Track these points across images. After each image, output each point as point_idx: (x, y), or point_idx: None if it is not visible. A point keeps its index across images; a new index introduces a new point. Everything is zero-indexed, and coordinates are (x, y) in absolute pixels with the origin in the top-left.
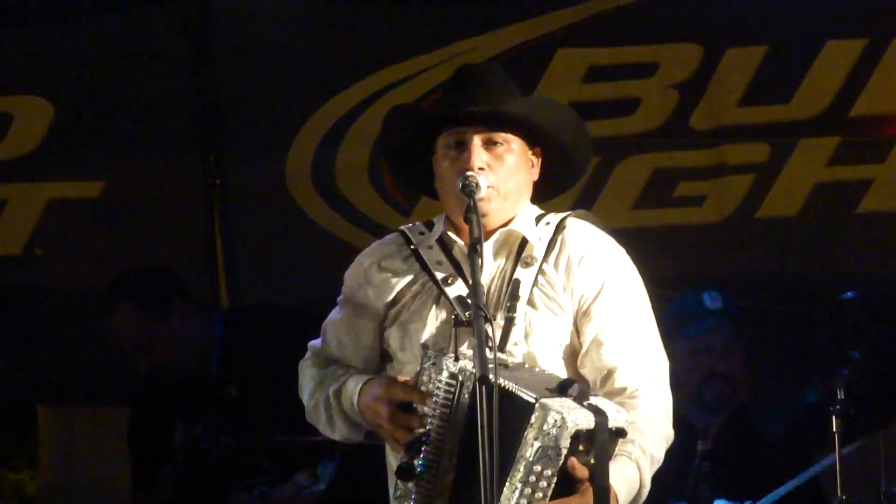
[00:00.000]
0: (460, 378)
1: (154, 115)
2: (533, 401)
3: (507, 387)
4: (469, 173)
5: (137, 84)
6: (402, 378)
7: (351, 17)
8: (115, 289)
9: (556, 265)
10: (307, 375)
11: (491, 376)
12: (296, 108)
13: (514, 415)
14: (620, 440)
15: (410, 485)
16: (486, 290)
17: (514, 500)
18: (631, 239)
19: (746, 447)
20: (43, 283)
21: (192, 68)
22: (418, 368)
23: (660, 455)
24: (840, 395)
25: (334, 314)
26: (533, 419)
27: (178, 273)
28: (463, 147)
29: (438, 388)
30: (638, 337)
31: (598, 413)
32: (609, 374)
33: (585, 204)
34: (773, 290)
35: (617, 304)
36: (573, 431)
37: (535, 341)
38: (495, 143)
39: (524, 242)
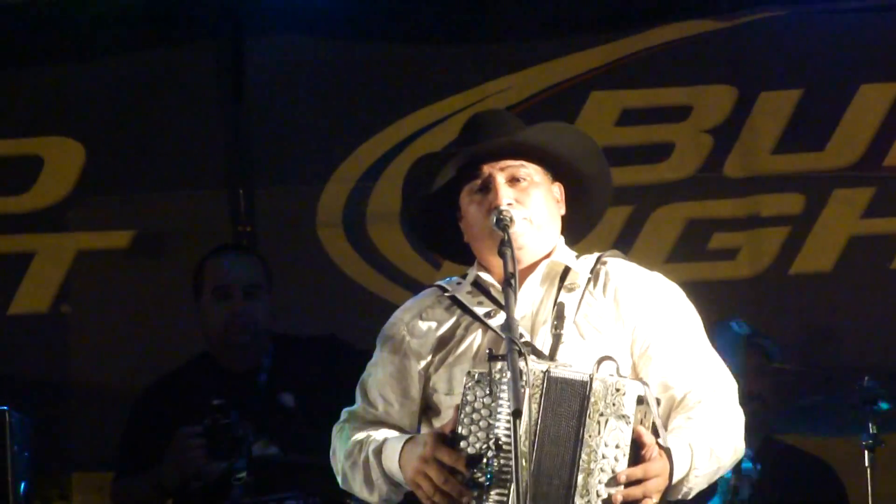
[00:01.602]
0: (525, 378)
1: (185, 157)
2: (587, 379)
3: (557, 375)
4: (502, 208)
5: (169, 125)
6: (444, 425)
7: (384, 58)
8: (241, 244)
9: (603, 293)
10: (343, 437)
11: (524, 410)
12: (328, 152)
13: (571, 401)
14: (679, 428)
15: None
16: (532, 317)
17: (594, 485)
18: None
19: (783, 483)
20: (71, 342)
21: (225, 109)
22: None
23: (723, 455)
24: (872, 429)
25: (374, 372)
26: (592, 396)
27: None
28: (488, 188)
29: (500, 394)
30: (705, 361)
31: (640, 380)
32: (684, 397)
33: None
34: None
35: (679, 332)
36: (636, 396)
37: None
38: (519, 180)
39: (566, 272)
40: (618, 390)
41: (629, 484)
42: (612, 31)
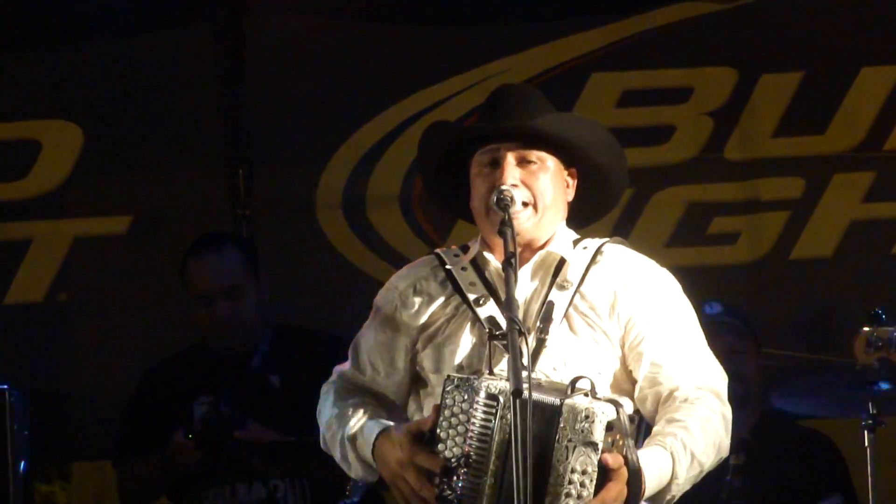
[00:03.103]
0: (500, 399)
1: (184, 140)
2: (558, 403)
3: (536, 401)
4: (503, 187)
5: (168, 107)
6: (423, 419)
7: (383, 40)
8: (222, 234)
9: (597, 289)
10: (328, 402)
11: (524, 388)
12: (328, 135)
13: (542, 424)
14: (661, 434)
15: None
16: (522, 310)
17: None
18: None
19: (782, 457)
20: (70, 329)
21: (224, 91)
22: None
23: (705, 459)
24: (871, 409)
25: (366, 336)
26: (562, 422)
27: None
28: (497, 164)
29: (476, 408)
30: (696, 356)
31: (614, 402)
32: (671, 394)
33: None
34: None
35: (671, 327)
36: (605, 423)
37: (573, 370)
38: (529, 162)
39: (561, 264)
40: (587, 417)
41: None
42: (613, 12)
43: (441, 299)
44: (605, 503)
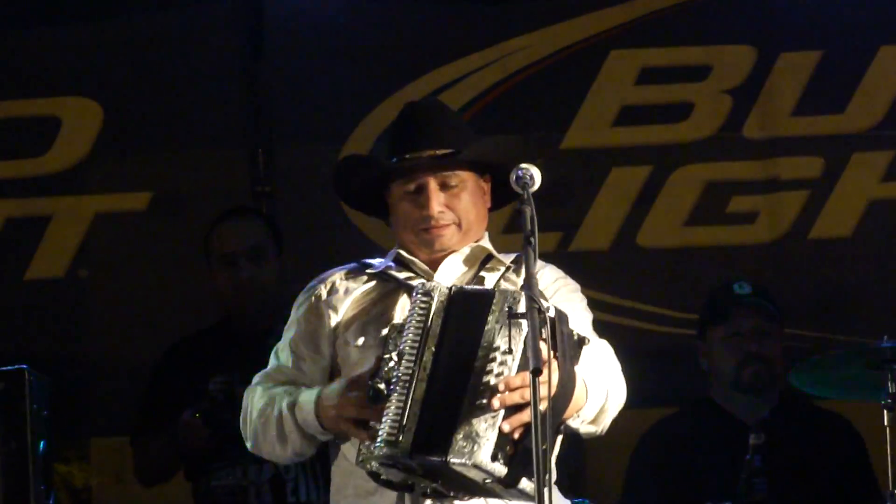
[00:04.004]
0: (433, 295)
1: (204, 117)
2: (491, 290)
3: (468, 290)
4: (524, 165)
5: (187, 85)
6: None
7: (403, 17)
8: (248, 206)
9: (517, 276)
10: (255, 396)
11: (544, 368)
12: (347, 111)
13: (474, 310)
14: None
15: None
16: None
17: (486, 386)
18: (680, 260)
19: (801, 437)
20: (90, 305)
21: (244, 68)
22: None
23: (612, 392)
24: (891, 387)
25: (287, 335)
26: (493, 306)
27: None
28: (421, 191)
29: (413, 305)
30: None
31: (560, 312)
32: None
33: (637, 218)
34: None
35: (570, 297)
36: (529, 300)
37: None
38: (451, 186)
39: (489, 258)
40: (514, 298)
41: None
42: None
43: (369, 285)
44: (524, 380)
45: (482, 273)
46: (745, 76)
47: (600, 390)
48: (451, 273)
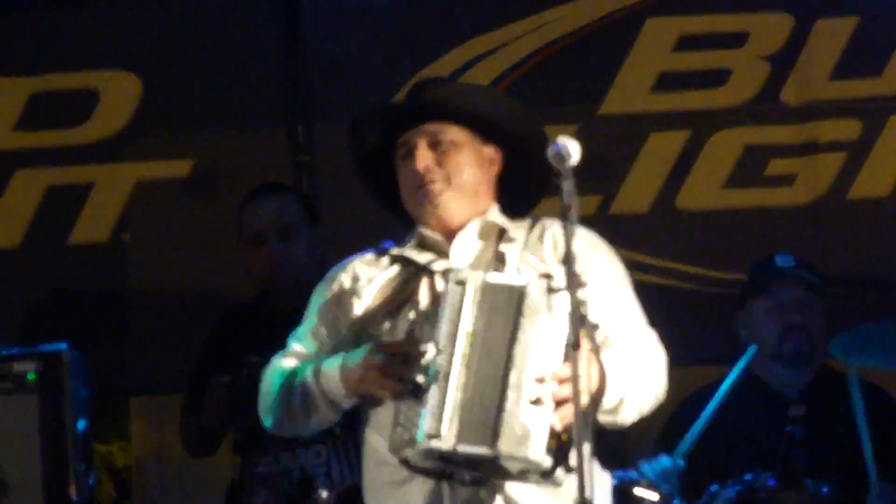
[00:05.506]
0: (466, 283)
1: (242, 89)
2: (524, 283)
3: (501, 282)
4: (561, 139)
5: (226, 59)
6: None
7: None
8: (280, 183)
9: (540, 242)
10: (276, 368)
11: (582, 342)
12: (384, 82)
13: (508, 304)
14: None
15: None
16: (472, 261)
17: (526, 381)
18: (719, 222)
19: (841, 409)
20: (130, 272)
21: (282, 42)
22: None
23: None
24: None
25: (306, 323)
26: (527, 299)
27: None
28: (412, 153)
29: (446, 293)
30: (624, 313)
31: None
32: (605, 339)
33: (676, 182)
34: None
35: (606, 285)
36: (566, 298)
37: None
38: (439, 143)
39: (503, 232)
40: (550, 290)
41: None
42: None
43: (391, 272)
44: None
45: (500, 248)
46: (783, 43)
47: (621, 382)
48: (467, 250)
